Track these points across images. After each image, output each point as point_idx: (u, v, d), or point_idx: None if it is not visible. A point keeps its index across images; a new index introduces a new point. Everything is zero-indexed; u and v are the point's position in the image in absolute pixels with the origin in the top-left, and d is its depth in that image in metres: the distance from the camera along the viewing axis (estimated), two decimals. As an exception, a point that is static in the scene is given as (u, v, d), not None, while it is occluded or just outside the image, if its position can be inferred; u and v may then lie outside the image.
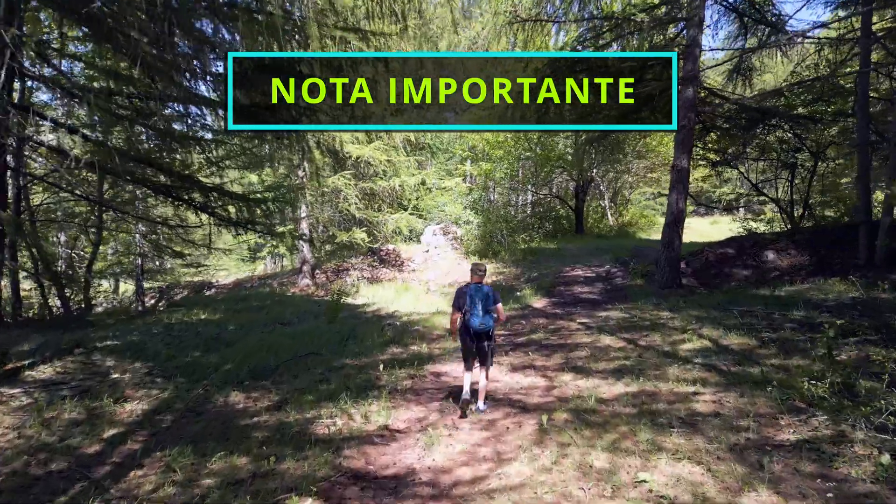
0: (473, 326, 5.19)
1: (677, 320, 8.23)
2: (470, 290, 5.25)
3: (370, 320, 11.04)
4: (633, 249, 17.04)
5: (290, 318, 11.88)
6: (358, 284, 16.47)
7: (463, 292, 5.31)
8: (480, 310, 5.19)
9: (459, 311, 5.31)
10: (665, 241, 11.28)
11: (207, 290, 23.55)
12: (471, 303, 5.21)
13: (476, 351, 5.38)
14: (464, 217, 20.91)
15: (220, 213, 9.52)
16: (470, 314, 5.20)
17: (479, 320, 5.17)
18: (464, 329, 5.31)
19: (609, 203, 31.42)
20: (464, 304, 5.26)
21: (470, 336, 5.30)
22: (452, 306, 5.42)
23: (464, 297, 5.28)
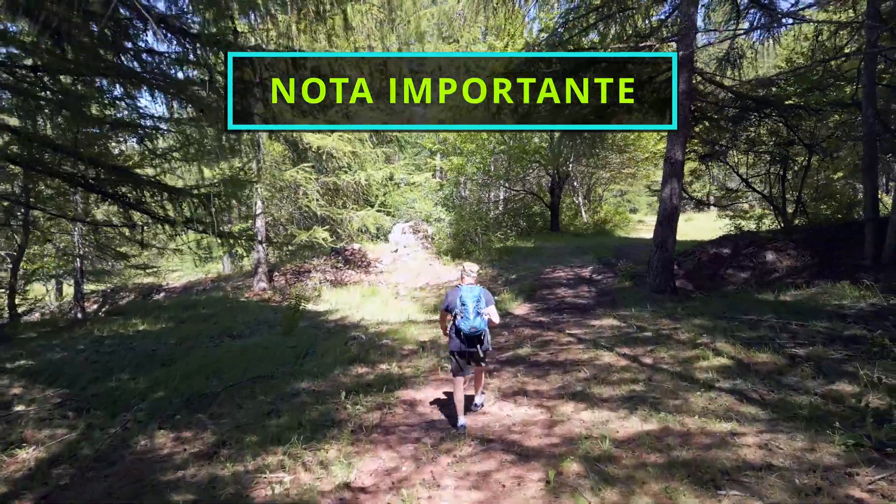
0: (464, 330, 4.98)
1: (682, 331, 7.36)
2: (460, 292, 5.07)
3: (332, 331, 9.93)
4: (615, 249, 16.29)
5: (241, 328, 10.67)
6: (320, 288, 15.26)
7: (453, 294, 5.17)
8: (471, 312, 4.98)
9: (448, 312, 5.17)
10: (658, 241, 10.46)
11: (156, 294, 21.96)
12: (461, 305, 5.01)
13: (468, 356, 5.16)
14: (435, 214, 19.87)
15: (156, 210, 8.29)
16: (461, 317, 5.01)
17: (469, 324, 4.96)
18: (455, 333, 5.11)
19: (583, 200, 30.82)
20: (454, 307, 5.08)
21: (461, 339, 5.07)
22: (441, 308, 5.28)
23: (454, 298, 5.11)
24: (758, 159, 14.03)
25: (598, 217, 28.28)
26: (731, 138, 13.67)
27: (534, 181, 28.93)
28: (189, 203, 8.66)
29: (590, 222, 27.26)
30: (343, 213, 14.67)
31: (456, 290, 5.18)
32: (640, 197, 40.32)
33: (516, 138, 21.87)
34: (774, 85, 12.02)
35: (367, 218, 14.95)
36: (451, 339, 5.19)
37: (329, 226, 15.53)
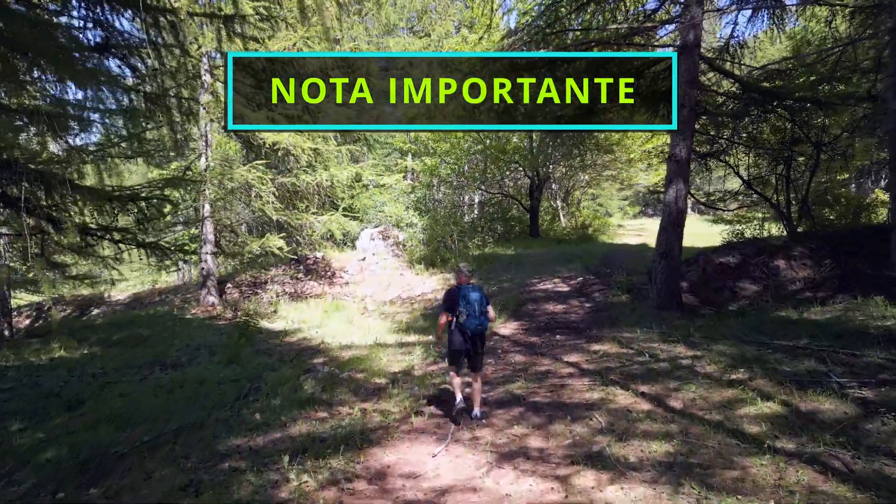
0: (471, 328, 5.28)
1: (705, 361, 6.24)
2: (463, 292, 5.35)
3: (286, 358, 8.57)
4: (602, 256, 15.22)
5: (178, 355, 9.22)
6: (276, 303, 13.82)
7: (455, 294, 5.40)
8: (477, 310, 5.29)
9: (450, 313, 5.38)
10: (662, 249, 9.37)
11: (95, 309, 20.16)
12: (465, 304, 5.28)
13: (472, 355, 5.46)
14: (406, 218, 18.57)
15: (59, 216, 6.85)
16: (466, 316, 5.27)
17: (476, 322, 5.28)
18: (459, 332, 5.36)
19: (561, 203, 29.86)
20: (457, 306, 5.32)
21: (466, 338, 5.36)
22: (441, 308, 5.53)
23: (456, 298, 5.36)
24: (759, 159, 13.10)
25: (577, 222, 27.35)
26: (732, 135, 12.74)
27: (511, 184, 27.88)
28: (107, 208, 7.25)
29: (569, 227, 26.30)
30: (303, 217, 13.28)
31: (456, 290, 5.42)
32: (612, 201, 39.66)
33: (493, 137, 20.75)
34: (784, 75, 11.08)
35: (330, 223, 13.59)
36: (452, 338, 5.41)
37: (286, 232, 14.11)
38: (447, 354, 5.63)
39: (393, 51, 27.96)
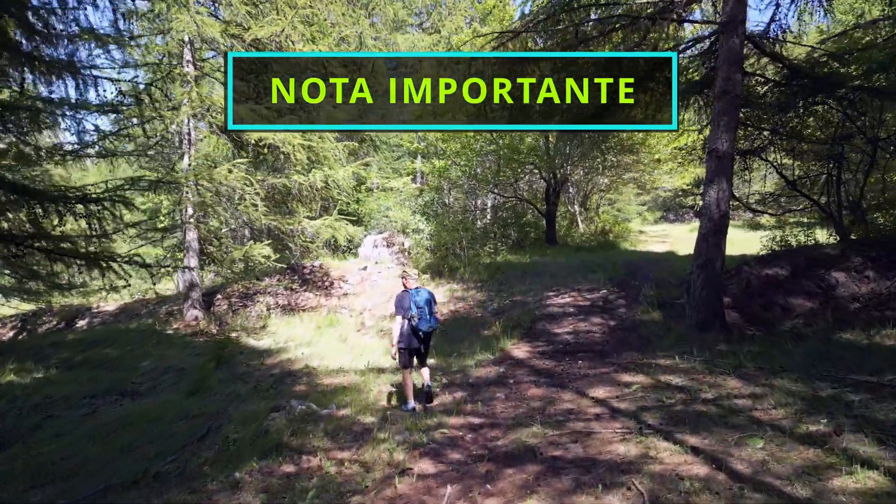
0: (423, 329, 6.01)
1: (768, 402, 5.09)
2: (413, 296, 6.03)
3: (261, 386, 7.50)
4: (626, 266, 13.97)
5: (140, 380, 8.21)
6: (266, 317, 12.79)
7: (405, 298, 6.04)
8: (428, 312, 6.01)
9: (405, 316, 6.02)
10: (701, 260, 8.20)
11: (81, 320, 19.27)
12: (417, 307, 5.97)
13: (422, 352, 6.26)
14: (412, 224, 17.49)
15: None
16: (419, 319, 5.97)
17: (428, 323, 6.01)
18: (412, 333, 6.05)
19: (579, 208, 28.60)
20: (408, 310, 6.00)
21: (419, 338, 6.11)
22: (396, 313, 6.09)
23: (408, 302, 6.02)
24: (805, 156, 11.86)
25: (596, 228, 26.11)
26: (774, 129, 11.51)
27: (526, 187, 26.71)
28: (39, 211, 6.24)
29: (588, 233, 25.08)
30: (293, 222, 12.26)
31: (406, 295, 6.04)
32: (631, 206, 38.31)
33: (506, 137, 19.64)
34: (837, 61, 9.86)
35: (323, 228, 12.55)
36: (403, 338, 6.04)
37: (277, 239, 13.07)
38: (401, 356, 6.09)
39: (402, 47, 27.12)
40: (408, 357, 6.08)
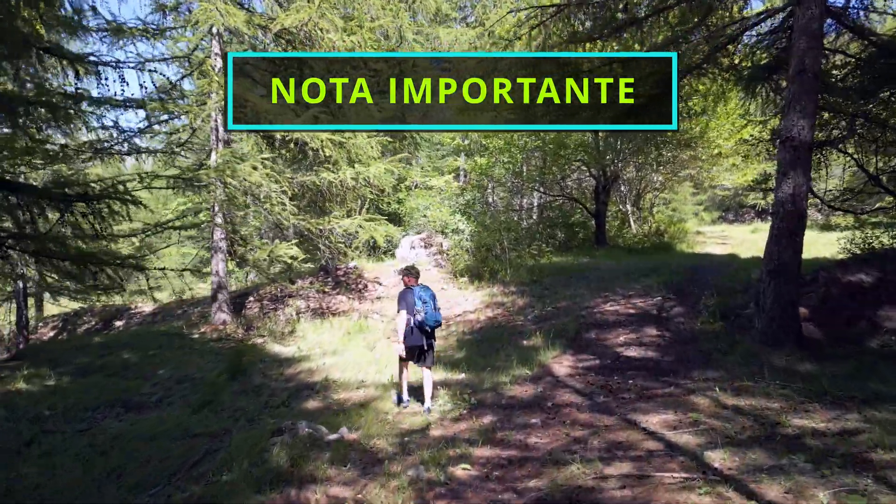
0: (429, 324, 5.98)
1: (868, 441, 4.16)
2: (417, 292, 6.06)
3: (273, 402, 6.93)
4: (683, 270, 12.83)
5: (151, 391, 7.78)
6: (294, 321, 12.30)
7: (410, 295, 6.05)
8: (433, 307, 6.03)
9: (410, 313, 5.99)
10: (773, 265, 7.19)
11: (118, 321, 19.38)
12: (422, 303, 5.98)
13: (426, 350, 6.14)
14: (452, 224, 16.78)
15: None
16: (424, 314, 5.95)
17: (434, 318, 6.01)
18: (418, 330, 6.01)
19: (631, 207, 27.26)
20: (414, 306, 5.98)
21: (425, 334, 6.05)
22: (401, 310, 6.04)
23: (412, 298, 6.02)
24: (891, 147, 10.56)
25: (650, 228, 24.80)
26: (854, 117, 10.27)
27: (574, 185, 25.64)
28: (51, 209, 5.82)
29: (640, 234, 23.84)
30: (323, 222, 11.73)
31: (410, 292, 6.10)
32: (686, 206, 36.51)
33: (551, 132, 18.69)
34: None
35: (353, 228, 11.97)
36: (406, 335, 6.02)
37: (307, 240, 12.57)
38: (399, 350, 6.12)
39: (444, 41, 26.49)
40: (410, 353, 6.12)
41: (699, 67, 10.51)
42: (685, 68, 10.36)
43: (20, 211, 5.67)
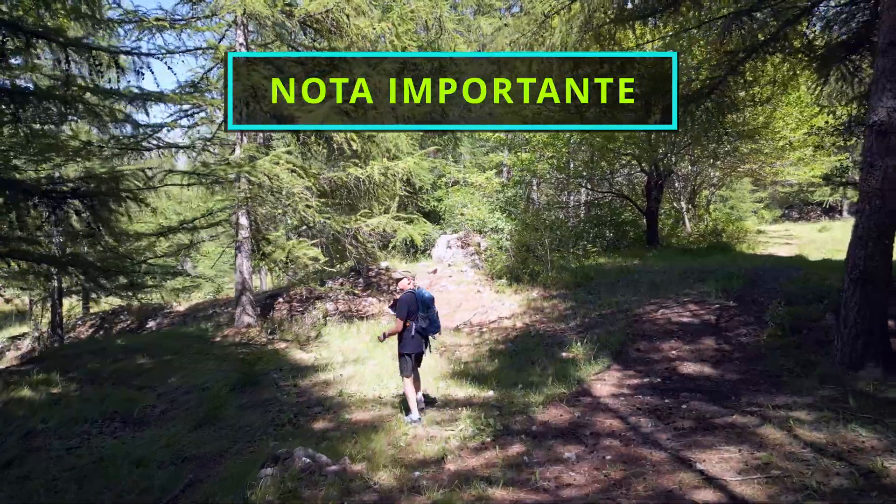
0: (432, 331, 5.97)
1: None
2: (420, 295, 5.90)
3: (280, 419, 6.35)
4: (746, 274, 11.67)
5: (157, 402, 7.34)
6: (321, 325, 11.80)
7: (413, 299, 5.81)
8: (434, 313, 6.00)
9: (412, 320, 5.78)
10: (857, 272, 6.20)
11: (153, 320, 19.38)
12: (425, 308, 5.85)
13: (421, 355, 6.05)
14: (491, 222, 16.01)
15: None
16: (428, 319, 5.86)
17: (437, 324, 6.05)
18: (419, 336, 5.86)
19: (686, 205, 25.83)
20: (416, 312, 5.78)
21: (424, 342, 5.96)
22: (402, 315, 5.75)
23: (416, 304, 5.80)
24: None
25: (706, 226, 23.42)
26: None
27: (624, 182, 24.46)
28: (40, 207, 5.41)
29: (696, 234, 22.51)
30: (349, 220, 11.17)
31: (411, 296, 5.87)
32: (744, 203, 34.60)
33: (601, 123, 17.68)
34: None
35: (381, 225, 11.37)
36: (408, 342, 5.85)
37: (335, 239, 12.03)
38: (403, 361, 5.90)
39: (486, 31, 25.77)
40: (413, 364, 5.92)
41: (765, 46, 9.48)
42: (750, 48, 9.38)
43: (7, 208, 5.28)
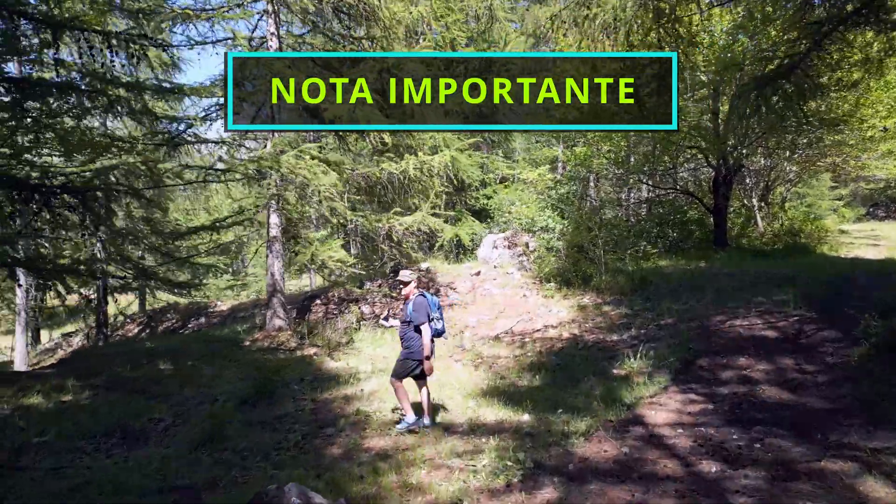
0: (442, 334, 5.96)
1: None
2: (429, 299, 5.81)
3: (286, 442, 5.76)
4: (831, 279, 10.38)
5: (164, 415, 6.91)
6: (354, 329, 11.24)
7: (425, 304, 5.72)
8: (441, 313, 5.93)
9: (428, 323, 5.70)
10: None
11: (196, 319, 19.41)
12: (437, 309, 5.83)
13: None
14: (540, 221, 15.09)
15: None
16: (440, 324, 5.84)
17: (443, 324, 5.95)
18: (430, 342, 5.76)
19: (758, 203, 24.06)
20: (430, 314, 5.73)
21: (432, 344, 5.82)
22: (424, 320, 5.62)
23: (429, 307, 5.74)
24: None
25: (782, 226, 21.72)
26: None
27: (690, 177, 22.99)
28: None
29: (770, 234, 20.89)
30: (382, 219, 10.55)
31: (424, 300, 5.78)
32: (823, 201, 32.22)
33: (663, 114, 16.52)
34: None
35: (415, 224, 10.71)
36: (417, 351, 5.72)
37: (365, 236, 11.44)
38: (405, 366, 5.79)
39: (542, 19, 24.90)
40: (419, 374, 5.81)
41: (856, 17, 8.28)
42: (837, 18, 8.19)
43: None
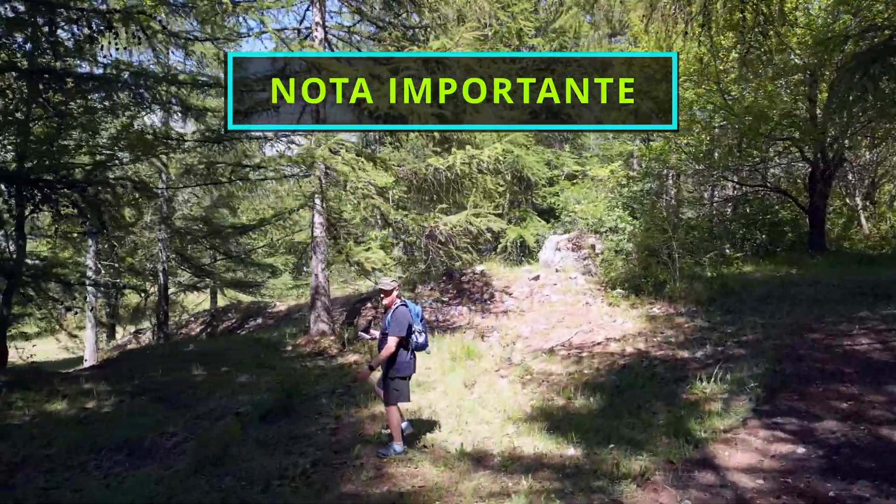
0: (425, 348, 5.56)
1: None
2: (413, 310, 5.47)
3: (292, 470, 5.20)
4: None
5: (179, 429, 6.54)
6: (398, 337, 10.70)
7: (408, 312, 5.36)
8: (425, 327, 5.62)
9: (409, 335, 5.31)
10: None
11: (254, 319, 19.54)
12: (420, 322, 5.51)
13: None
14: (609, 221, 14.04)
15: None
16: (422, 336, 5.45)
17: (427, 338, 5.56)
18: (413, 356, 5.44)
19: (863, 202, 21.89)
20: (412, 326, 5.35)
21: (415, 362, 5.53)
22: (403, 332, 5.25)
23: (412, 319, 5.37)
24: None
25: (889, 228, 19.69)
26: None
27: (781, 172, 21.16)
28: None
29: (876, 236, 18.93)
30: (426, 218, 9.91)
31: (406, 310, 5.37)
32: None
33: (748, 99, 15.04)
34: None
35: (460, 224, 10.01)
36: (404, 364, 5.34)
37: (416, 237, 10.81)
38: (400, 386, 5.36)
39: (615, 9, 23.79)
40: (406, 387, 5.42)
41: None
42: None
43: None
